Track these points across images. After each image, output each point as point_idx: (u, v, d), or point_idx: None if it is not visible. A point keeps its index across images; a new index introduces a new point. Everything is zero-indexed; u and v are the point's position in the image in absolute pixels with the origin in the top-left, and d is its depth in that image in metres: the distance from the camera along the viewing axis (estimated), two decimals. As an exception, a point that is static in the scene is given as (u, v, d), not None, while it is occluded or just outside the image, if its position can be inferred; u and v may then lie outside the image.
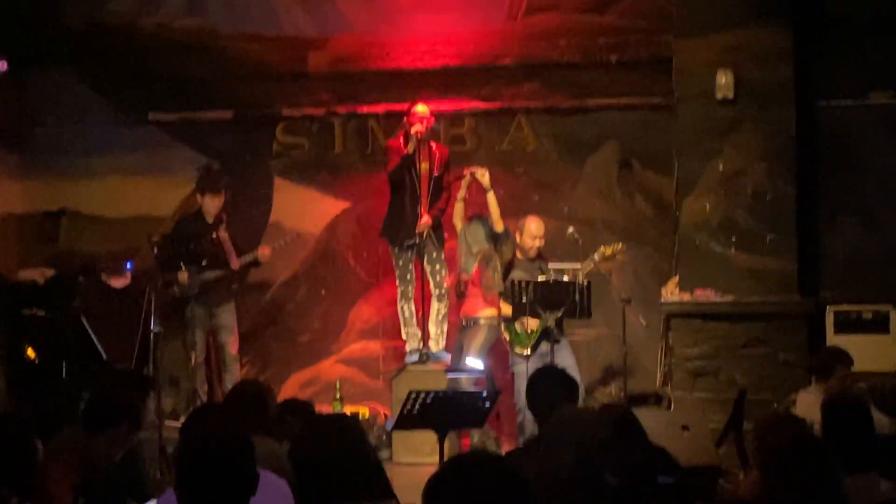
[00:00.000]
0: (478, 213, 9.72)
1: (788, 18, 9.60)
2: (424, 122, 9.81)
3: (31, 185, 11.24)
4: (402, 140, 9.91)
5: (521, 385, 8.76)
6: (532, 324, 9.14)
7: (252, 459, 3.73)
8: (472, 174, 9.58)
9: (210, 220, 10.04)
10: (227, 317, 10.08)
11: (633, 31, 10.40)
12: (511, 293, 9.06)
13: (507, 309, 9.27)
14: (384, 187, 10.23)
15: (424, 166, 9.84)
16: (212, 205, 10.08)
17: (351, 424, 6.54)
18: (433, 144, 9.99)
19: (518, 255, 9.61)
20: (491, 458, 3.01)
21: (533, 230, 9.51)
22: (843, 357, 7.92)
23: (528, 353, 9.18)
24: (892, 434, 7.09)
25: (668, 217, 10.20)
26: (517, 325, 9.22)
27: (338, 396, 9.88)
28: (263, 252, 10.04)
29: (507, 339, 9.45)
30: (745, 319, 9.46)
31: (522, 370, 9.02)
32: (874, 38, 9.86)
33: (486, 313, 9.52)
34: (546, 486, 4.38)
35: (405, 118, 9.94)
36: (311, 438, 6.20)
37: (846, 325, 9.51)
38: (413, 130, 9.76)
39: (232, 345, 10.07)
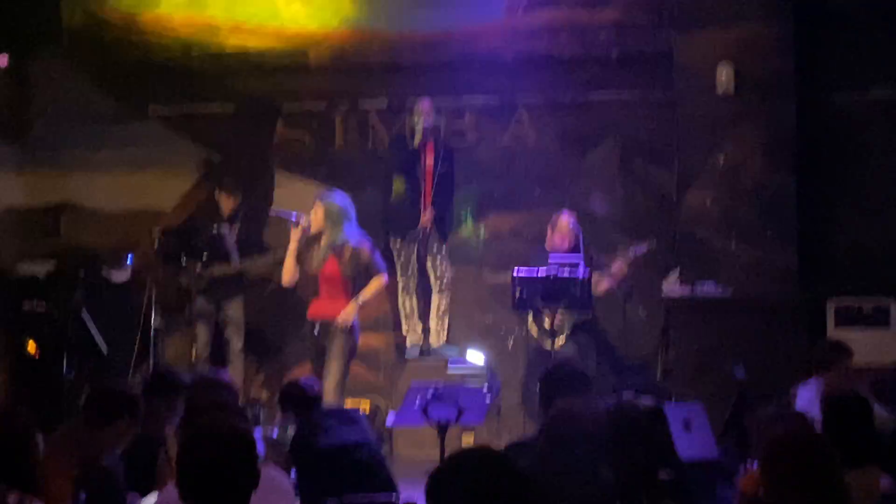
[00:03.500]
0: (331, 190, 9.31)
1: (789, 12, 9.60)
2: (430, 116, 9.86)
3: (31, 179, 11.24)
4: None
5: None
6: (551, 319, 9.18)
7: (254, 454, 3.74)
8: None
9: (224, 217, 10.06)
10: (235, 311, 10.08)
11: (634, 26, 10.38)
12: (512, 286, 9.08)
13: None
14: (385, 181, 10.27)
15: (429, 162, 9.88)
16: (225, 203, 10.10)
17: (354, 418, 6.60)
18: (440, 142, 10.03)
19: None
20: (492, 452, 3.02)
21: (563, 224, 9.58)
22: (842, 350, 7.92)
23: (553, 348, 9.22)
24: (893, 429, 7.09)
25: (668, 210, 10.20)
26: (545, 321, 9.25)
27: (338, 390, 9.88)
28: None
29: (535, 335, 9.49)
30: (745, 313, 9.46)
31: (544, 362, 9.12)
32: (875, 32, 9.86)
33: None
34: (545, 480, 4.39)
35: (413, 113, 9.97)
36: (312, 431, 6.23)
37: (847, 318, 9.52)
38: (420, 125, 9.82)
39: (238, 340, 10.07)
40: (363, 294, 8.84)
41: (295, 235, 8.82)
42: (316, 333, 8.85)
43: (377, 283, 8.90)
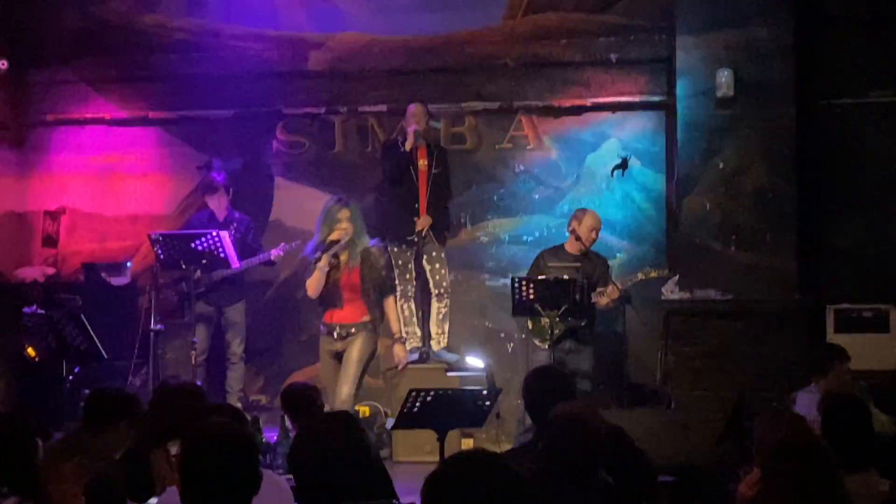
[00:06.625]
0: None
1: (789, 17, 9.59)
2: (419, 120, 9.82)
3: (31, 184, 11.24)
4: (399, 139, 9.94)
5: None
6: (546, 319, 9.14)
7: (255, 458, 3.74)
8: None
9: (220, 218, 10.05)
10: (236, 315, 10.06)
11: (634, 30, 10.40)
12: (512, 290, 9.06)
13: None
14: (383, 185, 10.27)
15: (422, 164, 9.84)
16: (214, 204, 10.10)
17: (351, 423, 6.57)
18: (432, 143, 9.99)
19: (569, 249, 9.55)
20: (490, 456, 3.01)
21: (591, 223, 9.54)
22: (838, 353, 7.92)
23: (547, 346, 9.16)
24: (892, 433, 7.09)
25: (668, 215, 10.20)
26: (541, 318, 9.20)
27: (338, 395, 9.87)
28: (276, 254, 9.93)
29: (529, 327, 9.45)
30: (745, 318, 9.46)
31: (540, 362, 9.09)
32: (874, 36, 9.86)
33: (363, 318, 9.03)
34: (544, 484, 4.39)
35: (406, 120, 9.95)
36: (311, 437, 6.20)
37: (846, 323, 9.51)
38: (410, 129, 9.79)
39: (238, 344, 10.06)
40: (396, 326, 9.29)
41: (331, 251, 8.85)
42: (336, 337, 8.92)
43: (394, 304, 9.26)
